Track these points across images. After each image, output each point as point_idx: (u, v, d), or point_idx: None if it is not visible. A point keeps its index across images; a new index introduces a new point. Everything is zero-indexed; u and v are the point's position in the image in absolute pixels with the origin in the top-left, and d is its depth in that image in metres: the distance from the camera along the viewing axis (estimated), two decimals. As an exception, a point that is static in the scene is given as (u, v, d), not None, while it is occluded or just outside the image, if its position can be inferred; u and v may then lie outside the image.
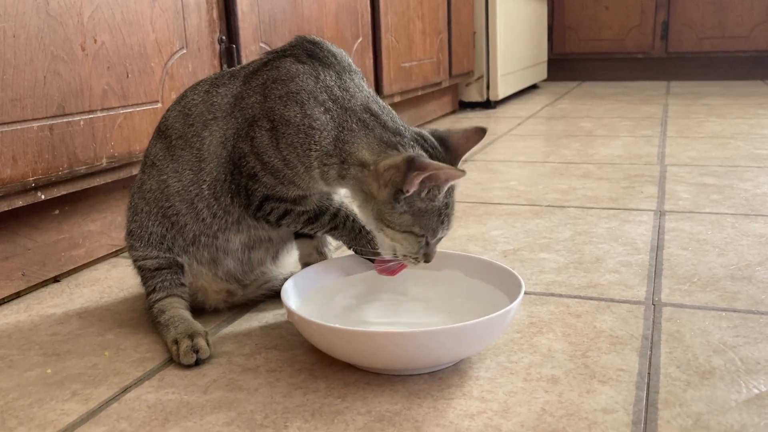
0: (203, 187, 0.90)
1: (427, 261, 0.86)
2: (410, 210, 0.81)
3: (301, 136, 0.83)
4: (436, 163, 0.79)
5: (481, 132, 0.87)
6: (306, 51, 0.87)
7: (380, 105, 0.86)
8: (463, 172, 0.78)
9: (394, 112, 0.88)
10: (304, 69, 0.85)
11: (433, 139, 0.85)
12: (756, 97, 3.24)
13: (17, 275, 1.07)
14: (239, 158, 0.87)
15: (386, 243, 0.85)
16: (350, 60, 0.91)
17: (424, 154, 0.81)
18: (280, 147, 0.84)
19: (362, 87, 0.88)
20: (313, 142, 0.83)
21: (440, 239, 0.86)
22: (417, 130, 0.86)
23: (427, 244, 0.84)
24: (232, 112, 0.88)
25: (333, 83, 0.85)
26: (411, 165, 0.78)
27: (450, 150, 0.85)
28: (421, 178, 0.77)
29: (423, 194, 0.80)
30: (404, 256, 0.85)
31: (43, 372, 0.83)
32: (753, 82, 3.86)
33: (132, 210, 0.95)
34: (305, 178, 0.85)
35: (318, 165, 0.84)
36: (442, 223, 0.83)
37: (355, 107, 0.84)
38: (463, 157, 0.88)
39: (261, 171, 0.86)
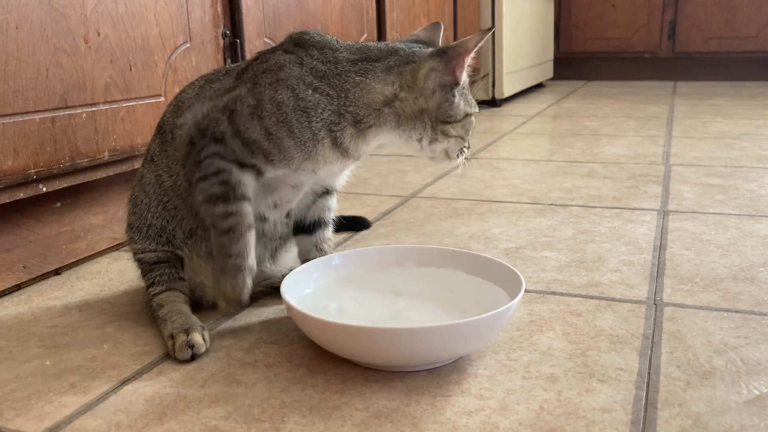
0: None
1: (468, 146, 0.91)
2: (460, 95, 0.86)
3: (298, 114, 0.83)
4: (469, 39, 0.83)
5: (437, 25, 0.94)
6: (293, 41, 0.89)
7: (361, 47, 0.88)
8: (488, 30, 0.87)
9: (375, 43, 0.91)
10: (290, 58, 0.86)
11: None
12: (763, 98, 3.22)
13: (18, 267, 1.07)
14: (209, 123, 0.85)
15: (439, 149, 0.88)
16: (337, 38, 0.91)
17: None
18: (265, 123, 0.83)
19: (343, 48, 0.88)
20: (313, 115, 0.83)
21: None
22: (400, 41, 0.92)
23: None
24: (215, 98, 0.88)
25: (317, 62, 0.86)
26: (446, 56, 0.84)
27: (426, 45, 0.91)
28: (469, 57, 0.84)
29: (463, 76, 0.86)
30: (462, 149, 0.90)
31: (41, 364, 0.83)
32: (761, 83, 3.84)
33: (132, 202, 0.96)
34: (295, 153, 0.84)
35: (327, 134, 0.84)
36: (471, 95, 0.90)
37: (345, 69, 0.85)
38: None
39: (231, 136, 0.84)
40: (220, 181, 0.84)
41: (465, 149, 0.90)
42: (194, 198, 0.87)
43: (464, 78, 0.86)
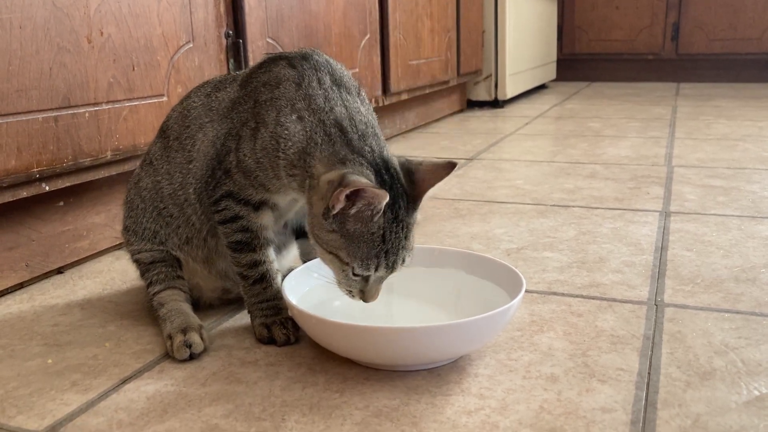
0: (190, 191, 0.90)
1: (364, 299, 0.80)
2: (340, 230, 0.76)
3: (273, 142, 0.82)
4: (361, 180, 0.73)
5: (450, 167, 0.79)
6: (302, 55, 0.85)
7: (355, 122, 0.80)
8: (385, 193, 0.73)
9: (373, 132, 0.82)
10: (290, 74, 0.83)
11: (398, 169, 0.80)
12: (767, 99, 3.22)
13: (21, 266, 1.08)
14: (224, 155, 0.87)
15: (328, 261, 0.81)
16: (349, 75, 0.87)
17: (370, 174, 0.76)
18: (256, 148, 0.83)
19: (348, 101, 0.82)
20: (280, 149, 0.81)
21: (381, 278, 0.80)
22: (388, 156, 0.80)
23: (363, 278, 0.79)
24: (228, 115, 0.88)
25: (317, 92, 0.81)
26: (341, 181, 0.74)
27: (416, 184, 0.79)
28: (344, 194, 0.72)
29: (353, 213, 0.75)
30: (339, 283, 0.81)
31: (43, 362, 0.83)
32: (764, 85, 3.84)
33: (128, 206, 0.96)
34: (275, 182, 0.84)
35: (285, 174, 0.82)
36: (378, 257, 0.76)
37: (327, 120, 0.80)
38: (429, 193, 0.80)
39: (235, 168, 0.85)
40: (240, 227, 0.87)
41: (346, 291, 0.81)
42: (220, 238, 0.90)
43: (337, 210, 0.74)
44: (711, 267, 1.09)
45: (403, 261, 0.79)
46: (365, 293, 0.80)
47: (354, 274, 0.78)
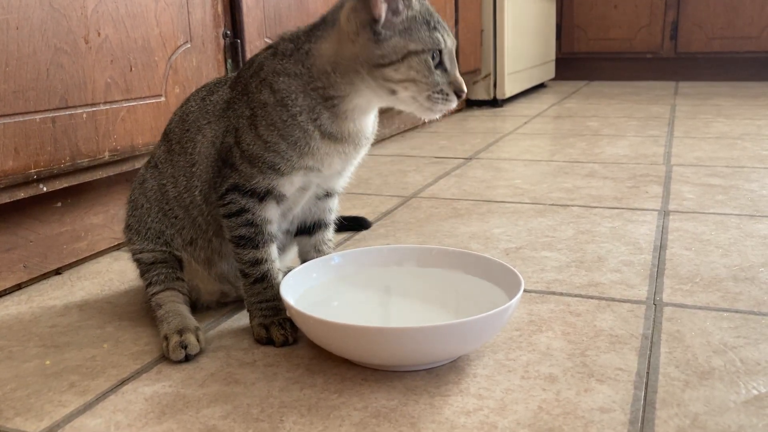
0: (195, 193, 0.91)
1: (458, 91, 0.81)
2: (394, 31, 0.79)
3: (278, 109, 0.83)
4: None
5: None
6: (278, 36, 0.89)
7: (322, 16, 0.86)
8: None
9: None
10: (268, 53, 0.87)
11: None
12: (765, 98, 3.22)
13: (19, 267, 1.07)
14: (226, 152, 0.87)
15: (405, 95, 0.81)
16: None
17: None
18: (260, 131, 0.84)
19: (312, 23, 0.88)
20: (291, 105, 0.83)
21: (452, 56, 0.82)
22: None
23: (443, 69, 0.80)
24: (224, 114, 0.89)
25: (287, 42, 0.85)
26: None
27: None
28: None
29: (400, 7, 0.78)
30: (429, 96, 0.80)
31: (41, 363, 0.83)
32: (763, 83, 3.84)
33: (132, 205, 0.96)
34: (292, 154, 0.84)
35: (311, 124, 0.83)
36: (436, 28, 0.80)
37: (303, 41, 0.84)
38: None
39: (239, 159, 0.86)
40: (245, 221, 0.87)
41: (438, 94, 0.80)
42: (224, 233, 0.90)
43: (384, 13, 0.78)
44: (710, 266, 1.09)
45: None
46: (455, 82, 0.81)
47: (435, 63, 0.79)
